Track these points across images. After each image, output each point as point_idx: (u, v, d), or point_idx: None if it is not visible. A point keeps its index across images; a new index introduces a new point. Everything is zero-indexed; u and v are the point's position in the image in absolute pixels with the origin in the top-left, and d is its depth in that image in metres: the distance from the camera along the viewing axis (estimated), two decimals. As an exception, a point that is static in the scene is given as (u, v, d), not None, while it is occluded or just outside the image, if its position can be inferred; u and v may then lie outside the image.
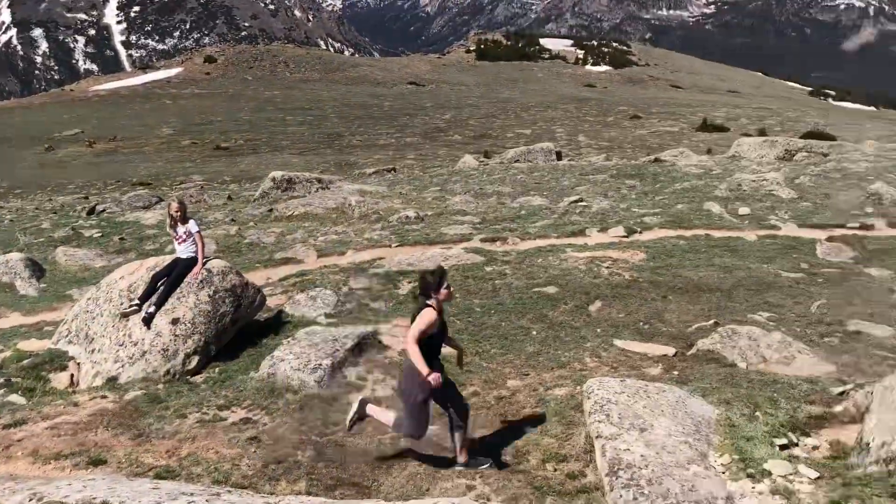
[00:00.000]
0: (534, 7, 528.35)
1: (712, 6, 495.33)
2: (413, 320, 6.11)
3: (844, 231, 14.55)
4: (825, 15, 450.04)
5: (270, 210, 19.81)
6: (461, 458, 6.32)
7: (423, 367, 5.88)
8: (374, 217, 17.92)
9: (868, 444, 5.71)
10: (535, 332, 9.57)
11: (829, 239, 13.92)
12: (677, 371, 8.20)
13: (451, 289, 6.33)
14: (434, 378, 5.88)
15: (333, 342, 8.36)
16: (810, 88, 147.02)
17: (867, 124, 71.52)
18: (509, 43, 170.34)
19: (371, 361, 8.35)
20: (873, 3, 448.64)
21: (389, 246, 14.44)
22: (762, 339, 8.76)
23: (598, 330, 9.67)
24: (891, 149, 30.36)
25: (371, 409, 6.51)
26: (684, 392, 7.13)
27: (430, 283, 6.18)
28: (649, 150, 42.34)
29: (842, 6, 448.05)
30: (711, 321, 9.69)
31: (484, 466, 6.26)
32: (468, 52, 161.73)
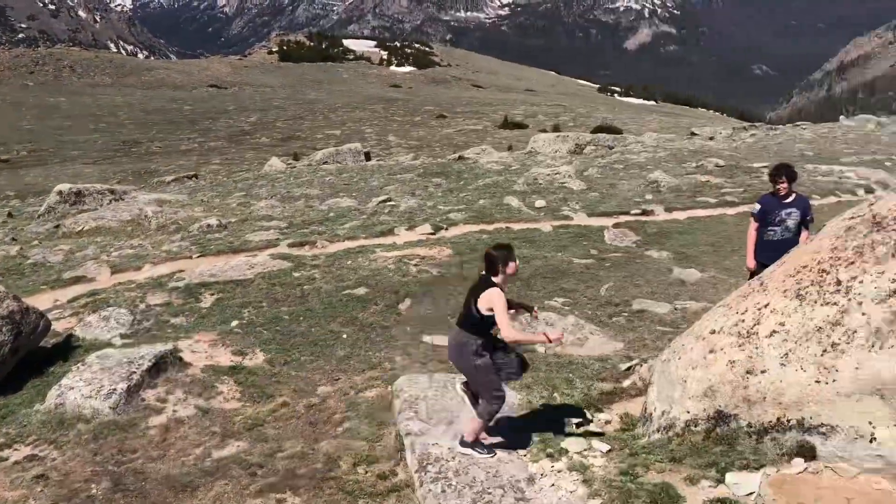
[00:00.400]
0: (335, 8, 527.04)
1: (506, 8, 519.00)
2: (474, 295, 5.74)
3: (628, 217, 15.79)
4: (607, 16, 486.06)
5: (57, 226, 18.31)
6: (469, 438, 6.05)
7: (539, 338, 6.06)
8: (173, 227, 17.07)
9: (651, 413, 6.22)
10: (345, 336, 9.55)
11: (616, 226, 15.04)
12: (482, 361, 8.50)
13: (517, 263, 5.95)
14: (555, 336, 5.77)
15: (129, 364, 7.85)
16: (598, 85, 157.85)
17: (647, 116, 78.02)
18: (313, 44, 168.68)
19: (171, 381, 7.94)
20: (647, 5, 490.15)
21: (190, 257, 13.80)
22: (558, 323, 9.30)
23: (408, 328, 9.82)
24: (668, 139, 33.36)
25: (468, 437, 6.03)
26: (489, 381, 7.42)
27: (497, 259, 5.75)
28: (456, 148, 43.65)
29: (621, 8, 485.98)
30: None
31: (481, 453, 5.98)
32: (271, 53, 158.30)
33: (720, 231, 14.56)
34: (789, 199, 8.04)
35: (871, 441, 4.71)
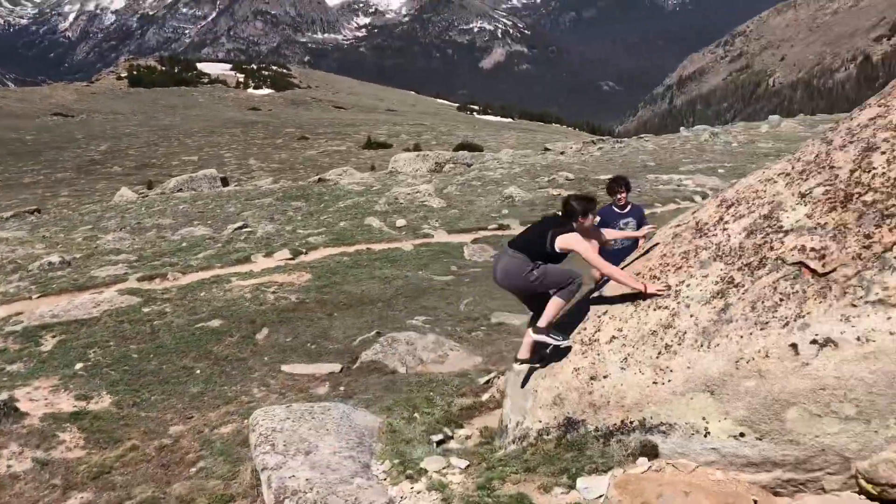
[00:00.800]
0: (187, 31, 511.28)
1: (363, 30, 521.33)
2: (548, 228, 5.65)
3: (486, 233, 16.18)
4: (462, 37, 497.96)
5: None
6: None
7: (638, 285, 5.54)
8: (10, 267, 15.90)
9: (506, 426, 6.32)
10: (199, 371, 9.19)
11: (474, 241, 15.37)
12: (343, 387, 8.42)
13: (595, 218, 5.96)
14: (653, 289, 5.48)
15: (-47, 420, 7.22)
16: (457, 104, 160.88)
17: (505, 133, 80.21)
18: (165, 68, 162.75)
19: (4, 433, 7.35)
20: (500, 26, 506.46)
21: (29, 298, 12.90)
22: (419, 342, 9.35)
23: (266, 358, 9.58)
24: (523, 155, 34.48)
25: (541, 334, 5.78)
26: (349, 406, 7.32)
27: (576, 210, 5.69)
28: (320, 170, 43.20)
29: (475, 29, 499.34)
30: (374, 332, 10.12)
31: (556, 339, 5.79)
32: (120, 78, 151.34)
33: (573, 242, 15.17)
34: (627, 209, 8.44)
35: (705, 435, 4.96)
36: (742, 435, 4.80)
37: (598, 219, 6.16)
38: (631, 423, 5.29)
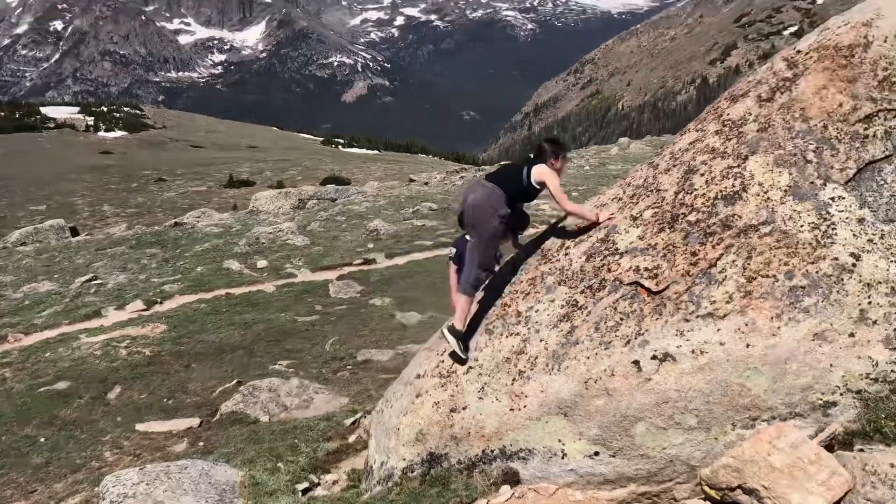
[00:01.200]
0: (28, 74, 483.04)
1: (219, 67, 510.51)
2: (523, 164, 5.80)
3: (352, 268, 16.03)
4: (322, 71, 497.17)
5: None
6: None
7: (591, 215, 5.69)
8: None
9: (372, 466, 6.20)
10: (43, 439, 8.51)
11: (340, 278, 15.17)
12: (203, 442, 8.02)
13: (567, 161, 6.02)
14: (605, 216, 5.64)
15: None
16: (322, 138, 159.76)
17: (372, 166, 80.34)
18: (4, 114, 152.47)
19: None
20: (360, 60, 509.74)
21: None
22: (282, 388, 9.07)
23: (119, 418, 9.01)
24: (388, 187, 34.61)
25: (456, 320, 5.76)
26: (208, 463, 6.97)
27: (546, 152, 5.82)
28: (180, 211, 41.55)
29: (335, 63, 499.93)
30: (235, 381, 9.74)
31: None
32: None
33: (438, 271, 15.25)
34: None
35: (563, 457, 5.05)
36: (597, 454, 4.92)
37: (569, 162, 6.32)
38: (492, 451, 5.31)
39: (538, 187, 5.77)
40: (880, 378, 4.36)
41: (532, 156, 5.96)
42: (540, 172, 5.71)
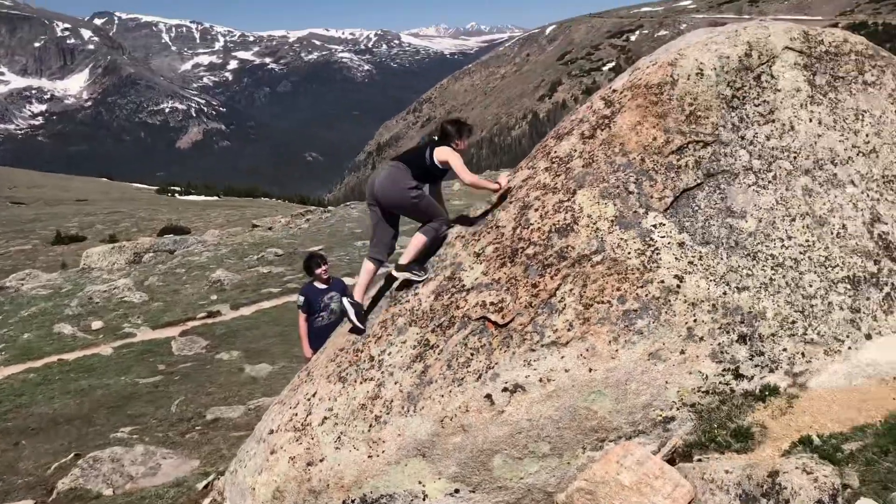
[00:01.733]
0: None
1: (40, 117, 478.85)
2: (426, 146, 5.99)
3: (196, 322, 15.35)
4: (154, 118, 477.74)
5: None
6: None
7: (492, 185, 6.00)
8: None
9: (228, 531, 5.91)
10: None
11: (183, 334, 14.48)
12: (35, 526, 7.33)
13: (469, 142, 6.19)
14: (503, 181, 6.05)
15: None
16: (157, 187, 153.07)
17: (212, 213, 77.81)
18: None
19: None
20: (193, 105, 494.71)
21: None
22: (125, 456, 8.49)
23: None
24: (230, 234, 33.58)
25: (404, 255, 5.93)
26: (44, 550, 6.40)
27: (451, 132, 6.01)
28: (2, 275, 38.16)
29: (167, 109, 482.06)
30: (72, 454, 9.01)
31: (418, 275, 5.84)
32: None
33: (287, 319, 14.92)
34: (329, 284, 8.49)
35: (424, 499, 5.02)
36: (457, 491, 4.94)
37: (470, 140, 6.30)
38: (353, 501, 5.21)
39: (441, 167, 5.95)
40: (710, 390, 4.69)
41: (435, 137, 6.15)
42: (442, 151, 5.92)
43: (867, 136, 5.58)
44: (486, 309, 5.13)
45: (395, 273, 5.98)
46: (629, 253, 5.00)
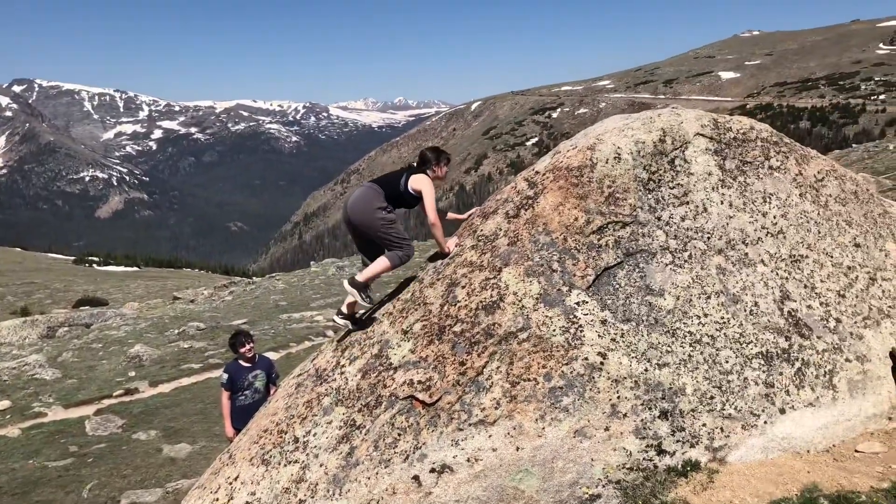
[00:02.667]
0: None
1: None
2: (404, 172, 6.01)
3: (112, 401, 14.69)
4: (73, 187, 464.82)
5: None
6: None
7: (444, 244, 6.01)
8: None
9: None
10: None
11: (98, 412, 13.83)
12: None
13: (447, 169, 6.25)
14: (452, 246, 6.03)
15: None
16: (74, 257, 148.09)
17: (132, 284, 75.55)
18: None
19: None
20: (115, 174, 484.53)
21: None
22: (30, 549, 7.95)
23: None
24: (150, 307, 32.58)
25: (362, 274, 5.96)
26: None
27: (430, 158, 6.11)
28: None
29: (87, 178, 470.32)
30: (-31, 549, 8.39)
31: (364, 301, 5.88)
32: None
33: (208, 397, 14.45)
34: (255, 362, 8.33)
35: (349, 587, 4.87)
36: (385, 575, 4.81)
37: (446, 169, 6.30)
38: (276, 590, 5.01)
39: (414, 195, 5.94)
40: (635, 467, 4.75)
41: (414, 164, 6.19)
42: (417, 180, 5.94)
43: (775, 217, 5.90)
44: (413, 388, 5.11)
45: (346, 286, 5.91)
46: (554, 330, 5.09)
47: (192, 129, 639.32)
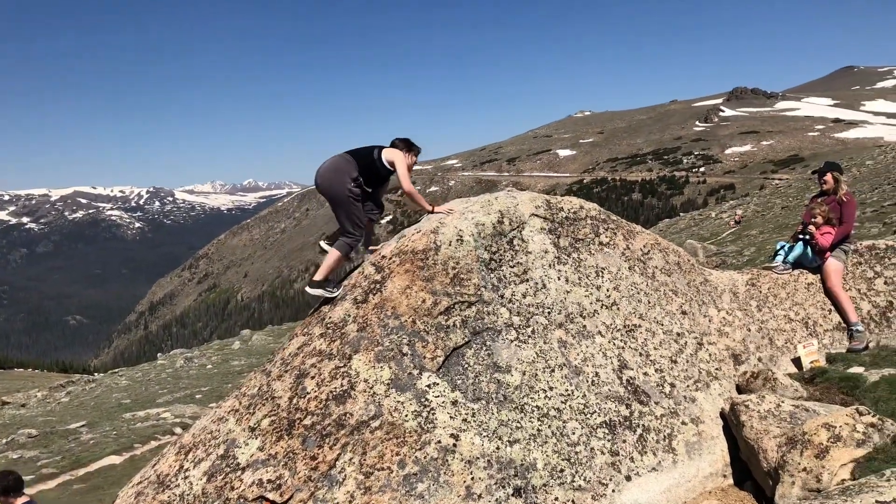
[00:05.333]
0: None
1: None
2: (368, 152, 6.22)
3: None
4: None
5: None
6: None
7: (426, 204, 6.34)
8: None
9: None
10: None
11: None
12: None
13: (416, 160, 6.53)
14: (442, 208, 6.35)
15: None
16: None
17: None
18: None
19: None
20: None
21: None
22: None
23: None
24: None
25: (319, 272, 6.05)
26: None
27: (400, 146, 6.39)
28: None
29: None
30: None
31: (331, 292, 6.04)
32: None
33: (41, 511, 13.13)
34: None
35: None
36: None
37: (415, 159, 6.53)
38: None
39: (388, 167, 6.21)
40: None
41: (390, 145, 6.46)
42: (391, 153, 6.25)
43: (608, 290, 6.24)
44: (263, 487, 4.89)
45: (308, 290, 6.01)
46: (406, 415, 5.07)
47: (24, 219, 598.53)
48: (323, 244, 6.29)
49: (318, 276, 6.09)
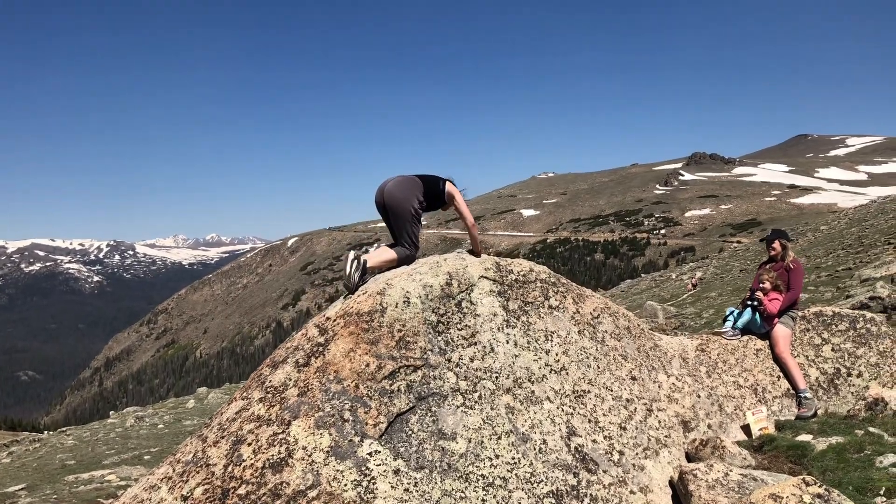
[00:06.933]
0: None
1: None
2: (434, 181, 6.55)
3: None
4: None
5: None
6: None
7: (478, 244, 6.70)
8: None
9: None
10: None
11: None
12: None
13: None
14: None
15: None
16: None
17: None
18: None
19: None
20: None
21: None
22: None
23: None
24: None
25: (370, 257, 6.36)
26: None
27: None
28: None
29: None
30: None
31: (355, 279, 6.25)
32: None
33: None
34: None
35: None
36: None
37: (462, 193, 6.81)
38: None
39: (445, 200, 6.58)
40: None
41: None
42: (454, 188, 6.60)
43: (557, 354, 6.17)
44: (191, 562, 4.64)
45: (350, 255, 6.27)
46: (345, 485, 4.89)
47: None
48: (350, 255, 6.41)
49: (368, 260, 6.35)
